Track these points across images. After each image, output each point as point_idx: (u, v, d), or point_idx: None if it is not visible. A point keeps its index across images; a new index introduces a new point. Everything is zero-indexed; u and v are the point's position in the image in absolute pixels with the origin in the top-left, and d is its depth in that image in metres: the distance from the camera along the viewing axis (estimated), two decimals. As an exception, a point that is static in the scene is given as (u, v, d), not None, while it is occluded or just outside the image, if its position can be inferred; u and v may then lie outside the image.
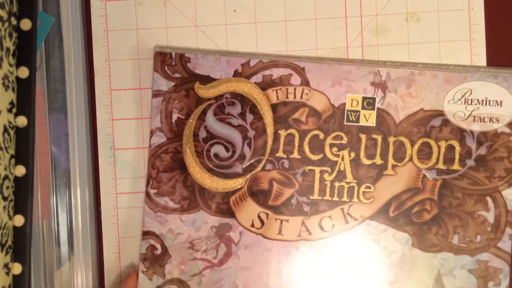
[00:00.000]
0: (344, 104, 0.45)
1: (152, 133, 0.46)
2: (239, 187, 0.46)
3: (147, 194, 0.46)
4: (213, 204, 0.46)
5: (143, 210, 0.47)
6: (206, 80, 0.46)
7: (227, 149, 0.46)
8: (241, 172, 0.46)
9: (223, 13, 0.47)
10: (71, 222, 0.46)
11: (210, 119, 0.46)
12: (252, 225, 0.46)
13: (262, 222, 0.46)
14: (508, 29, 0.46)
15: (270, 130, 0.46)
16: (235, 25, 0.47)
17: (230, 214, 0.46)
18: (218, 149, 0.46)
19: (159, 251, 0.46)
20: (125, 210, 0.48)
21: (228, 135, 0.46)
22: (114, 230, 0.48)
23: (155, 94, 0.46)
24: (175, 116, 0.46)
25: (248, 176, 0.46)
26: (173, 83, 0.46)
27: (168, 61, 0.46)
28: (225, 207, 0.46)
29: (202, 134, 0.46)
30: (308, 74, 0.45)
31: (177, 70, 0.46)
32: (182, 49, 0.47)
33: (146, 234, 0.46)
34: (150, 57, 0.47)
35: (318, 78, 0.45)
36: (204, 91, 0.46)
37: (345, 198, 0.45)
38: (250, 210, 0.46)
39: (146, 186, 0.46)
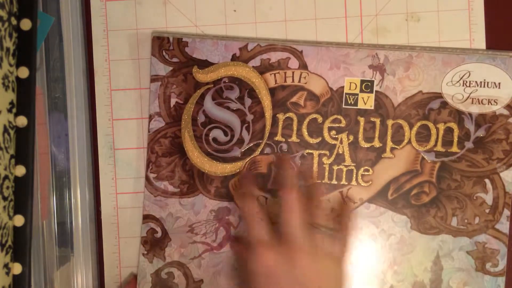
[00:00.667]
0: (342, 87, 0.45)
1: (150, 118, 0.46)
2: (238, 171, 0.46)
3: (147, 178, 0.46)
4: (212, 188, 0.46)
5: (143, 196, 0.47)
6: (204, 64, 0.46)
7: (225, 133, 0.46)
8: (239, 156, 0.46)
9: (223, 13, 0.47)
10: (71, 222, 0.46)
11: (209, 104, 0.46)
12: (251, 209, 0.46)
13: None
14: (508, 29, 0.46)
15: (268, 114, 0.46)
16: (235, 25, 0.47)
17: (229, 198, 0.46)
18: (217, 133, 0.46)
19: (159, 235, 0.47)
20: (125, 210, 0.48)
21: (226, 119, 0.46)
22: (114, 230, 0.48)
23: (153, 79, 0.46)
24: (173, 101, 0.46)
25: (246, 160, 0.46)
26: (171, 68, 0.46)
27: (166, 45, 0.46)
28: (224, 191, 0.46)
29: (201, 118, 0.46)
30: (306, 57, 0.45)
31: (174, 54, 0.46)
32: (179, 33, 0.46)
33: (146, 217, 0.46)
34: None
35: (316, 62, 0.45)
36: (202, 76, 0.46)
37: (343, 181, 0.45)
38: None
39: (146, 170, 0.46)
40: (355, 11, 0.46)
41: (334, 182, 0.45)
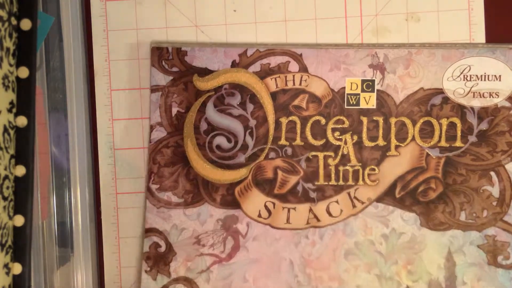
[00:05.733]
0: (344, 88, 0.45)
1: (152, 128, 0.45)
2: (243, 177, 0.45)
3: (149, 189, 0.45)
4: (217, 196, 0.45)
5: (144, 208, 0.46)
6: (204, 72, 0.46)
7: (229, 140, 0.45)
8: (244, 162, 0.45)
9: (223, 13, 0.47)
10: (71, 222, 0.46)
11: (210, 111, 0.46)
12: (259, 215, 0.45)
13: (269, 212, 0.45)
14: (508, 29, 0.47)
15: (271, 118, 0.45)
16: (235, 25, 0.47)
17: (236, 205, 0.45)
18: (220, 140, 0.45)
19: (163, 249, 0.45)
20: (125, 210, 0.47)
21: (229, 126, 0.45)
22: (114, 230, 0.47)
23: (154, 89, 0.45)
24: (174, 110, 0.45)
25: (251, 166, 0.45)
26: (171, 77, 0.46)
27: (165, 55, 0.46)
28: (230, 199, 0.45)
29: (203, 126, 0.45)
30: (305, 60, 0.45)
31: (174, 64, 0.46)
32: (178, 43, 0.46)
33: (148, 231, 0.45)
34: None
35: (316, 64, 0.45)
36: (203, 83, 0.46)
37: (350, 182, 0.45)
38: (256, 200, 0.45)
39: (148, 181, 0.45)
40: (355, 11, 0.47)
41: (341, 183, 0.45)
